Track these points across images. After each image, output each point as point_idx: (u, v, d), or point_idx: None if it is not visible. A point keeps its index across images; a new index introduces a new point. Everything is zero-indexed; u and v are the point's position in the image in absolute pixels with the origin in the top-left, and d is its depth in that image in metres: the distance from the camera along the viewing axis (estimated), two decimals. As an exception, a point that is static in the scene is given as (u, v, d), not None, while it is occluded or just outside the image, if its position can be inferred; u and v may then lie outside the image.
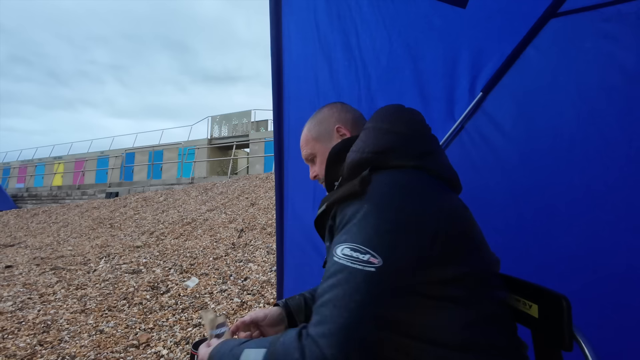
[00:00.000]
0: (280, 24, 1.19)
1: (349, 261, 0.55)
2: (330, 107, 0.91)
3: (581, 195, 1.09)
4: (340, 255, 0.57)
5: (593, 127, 1.08)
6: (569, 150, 1.11)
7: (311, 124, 0.91)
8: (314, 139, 0.89)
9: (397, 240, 0.57)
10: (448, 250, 0.59)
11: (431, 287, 0.58)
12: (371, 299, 0.53)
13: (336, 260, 0.57)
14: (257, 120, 15.18)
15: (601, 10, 1.02)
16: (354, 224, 0.60)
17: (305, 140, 0.91)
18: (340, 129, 0.86)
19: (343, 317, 0.51)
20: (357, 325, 0.50)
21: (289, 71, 1.28)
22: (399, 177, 0.66)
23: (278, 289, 1.59)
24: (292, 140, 1.39)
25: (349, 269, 0.55)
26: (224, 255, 3.50)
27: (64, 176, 17.97)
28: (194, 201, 6.84)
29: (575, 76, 1.10)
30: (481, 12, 1.12)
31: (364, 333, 0.51)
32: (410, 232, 0.58)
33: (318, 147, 0.88)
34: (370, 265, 0.54)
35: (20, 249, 5.30)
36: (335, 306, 0.52)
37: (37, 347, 1.92)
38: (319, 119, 0.90)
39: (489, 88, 1.24)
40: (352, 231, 0.59)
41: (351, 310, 0.51)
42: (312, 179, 0.92)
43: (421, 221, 0.60)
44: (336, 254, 0.58)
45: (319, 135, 0.88)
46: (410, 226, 0.59)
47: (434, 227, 0.59)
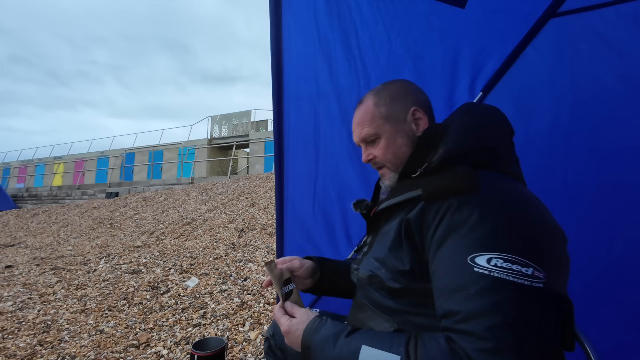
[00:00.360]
0: (280, 24, 1.19)
1: (511, 275, 0.49)
2: (405, 84, 0.80)
3: (576, 193, 1.10)
4: (492, 268, 0.50)
5: (588, 127, 1.08)
6: (566, 150, 1.11)
7: (380, 98, 0.79)
8: (382, 118, 0.77)
9: (551, 252, 0.53)
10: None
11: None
12: (548, 318, 0.48)
13: (487, 274, 0.50)
14: (257, 120, 15.18)
15: (600, 11, 1.02)
16: (493, 230, 0.53)
17: (369, 118, 0.78)
18: (417, 111, 0.76)
19: (525, 346, 0.46)
20: (540, 353, 0.47)
21: (289, 71, 1.28)
22: (513, 183, 0.62)
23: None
24: (292, 140, 1.39)
25: (514, 285, 0.49)
26: (224, 255, 3.50)
27: (64, 176, 17.97)
28: (194, 201, 6.84)
29: (574, 76, 1.10)
30: (481, 12, 1.12)
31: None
32: (552, 243, 0.55)
33: (386, 129, 0.77)
34: (536, 280, 0.49)
35: (20, 249, 5.30)
36: (512, 331, 0.46)
37: (37, 347, 1.92)
38: (392, 95, 0.78)
39: (488, 88, 1.24)
40: (495, 239, 0.52)
41: (530, 339, 0.46)
42: (365, 161, 0.82)
43: (554, 229, 0.57)
44: (479, 264, 0.51)
45: (390, 114, 0.77)
46: (553, 236, 0.56)
47: (560, 239, 0.57)
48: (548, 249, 0.54)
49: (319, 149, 1.41)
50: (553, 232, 0.57)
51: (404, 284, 0.63)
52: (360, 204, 0.89)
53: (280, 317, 0.71)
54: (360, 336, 0.58)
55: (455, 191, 0.58)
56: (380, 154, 0.78)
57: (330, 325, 0.63)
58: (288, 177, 1.45)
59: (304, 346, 0.64)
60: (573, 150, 1.11)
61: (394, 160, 0.77)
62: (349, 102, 1.32)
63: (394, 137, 0.76)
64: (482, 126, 0.69)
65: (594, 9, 1.03)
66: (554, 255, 0.54)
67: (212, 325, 2.14)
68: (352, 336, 0.59)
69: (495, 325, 0.47)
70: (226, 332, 2.04)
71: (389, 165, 0.78)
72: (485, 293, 0.49)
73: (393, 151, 0.77)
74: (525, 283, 0.49)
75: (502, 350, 0.46)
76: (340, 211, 1.47)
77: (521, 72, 1.19)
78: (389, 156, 0.77)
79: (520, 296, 0.48)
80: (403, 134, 0.77)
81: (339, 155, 1.41)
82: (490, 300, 0.49)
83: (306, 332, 0.64)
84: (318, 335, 0.62)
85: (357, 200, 0.90)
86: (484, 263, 0.51)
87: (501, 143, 0.69)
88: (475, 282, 0.51)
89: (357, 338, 0.58)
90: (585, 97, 1.08)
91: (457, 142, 0.66)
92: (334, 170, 1.44)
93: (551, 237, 0.56)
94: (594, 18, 1.04)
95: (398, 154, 0.77)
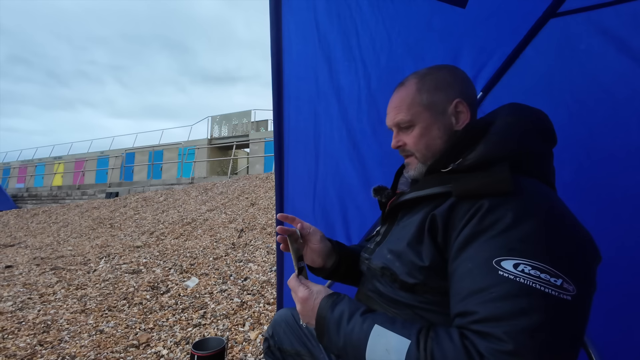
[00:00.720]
0: (280, 24, 1.19)
1: (538, 284, 0.48)
2: (453, 72, 0.75)
3: (572, 191, 1.10)
4: (518, 273, 0.49)
5: (587, 127, 1.09)
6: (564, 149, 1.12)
7: (423, 84, 0.73)
8: (422, 105, 0.72)
9: (585, 267, 0.52)
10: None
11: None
12: (571, 333, 0.47)
13: (512, 279, 0.48)
14: (257, 120, 15.18)
15: (600, 11, 1.02)
16: (525, 236, 0.51)
17: (408, 103, 0.73)
18: (460, 104, 0.71)
19: (544, 355, 0.45)
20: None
21: (289, 71, 1.28)
22: (552, 192, 0.60)
23: (278, 289, 1.59)
24: (292, 140, 1.39)
25: (540, 293, 0.47)
26: (224, 255, 3.50)
27: (64, 176, 17.97)
28: (194, 201, 6.83)
29: (573, 76, 1.10)
30: (481, 12, 1.12)
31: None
32: (588, 259, 0.53)
33: (424, 117, 0.72)
34: (565, 292, 0.48)
35: (20, 249, 5.30)
36: (533, 338, 0.45)
37: (37, 347, 1.92)
38: (437, 83, 0.73)
39: (489, 88, 1.24)
40: (526, 245, 0.50)
41: (552, 348, 0.45)
42: (393, 147, 0.77)
43: (592, 247, 0.56)
44: (506, 268, 0.49)
45: (431, 103, 0.72)
46: (588, 252, 0.54)
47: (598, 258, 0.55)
48: (582, 263, 0.52)
49: (319, 149, 1.41)
50: (589, 248, 0.55)
51: (420, 280, 0.62)
52: (382, 191, 0.86)
53: (297, 285, 0.71)
54: (374, 316, 0.59)
55: (490, 192, 0.56)
56: (412, 143, 0.74)
57: (347, 301, 0.64)
58: (288, 177, 1.45)
59: (320, 316, 0.64)
60: (571, 150, 1.11)
61: (425, 151, 0.73)
62: (349, 102, 1.32)
63: (430, 128, 0.72)
64: (527, 130, 0.65)
65: (594, 9, 1.03)
66: (588, 271, 0.53)
67: (212, 325, 2.14)
68: (367, 315, 0.60)
69: (515, 330, 0.46)
70: (226, 332, 2.04)
71: (418, 156, 0.74)
72: (508, 297, 0.48)
73: (426, 142, 0.72)
74: (553, 293, 0.47)
75: (520, 354, 0.44)
76: (340, 211, 1.47)
77: (521, 72, 1.19)
78: (421, 146, 0.73)
79: (546, 305, 0.47)
80: (440, 125, 0.72)
81: (339, 155, 1.41)
82: (513, 305, 0.47)
83: (323, 303, 0.65)
84: (336, 309, 0.63)
85: (379, 186, 0.87)
86: (511, 268, 0.49)
87: (543, 151, 0.66)
88: (498, 285, 0.49)
89: (371, 317, 0.59)
90: (585, 97, 1.08)
91: (498, 142, 0.63)
92: (334, 170, 1.44)
93: (587, 252, 0.54)
94: (593, 18, 1.04)
95: (431, 146, 0.72)
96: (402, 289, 0.65)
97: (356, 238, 1.46)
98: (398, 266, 0.65)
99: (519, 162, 0.62)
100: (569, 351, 0.47)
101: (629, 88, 1.01)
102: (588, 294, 0.51)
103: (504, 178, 0.56)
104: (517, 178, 0.58)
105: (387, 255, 0.68)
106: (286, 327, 0.99)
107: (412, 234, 0.64)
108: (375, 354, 0.54)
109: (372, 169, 1.36)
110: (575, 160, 1.11)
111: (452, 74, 0.75)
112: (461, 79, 0.75)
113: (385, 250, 0.70)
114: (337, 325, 0.61)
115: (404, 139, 0.75)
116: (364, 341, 0.56)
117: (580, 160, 1.10)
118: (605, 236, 1.05)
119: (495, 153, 0.62)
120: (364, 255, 0.80)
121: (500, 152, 0.62)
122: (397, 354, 0.52)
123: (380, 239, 0.77)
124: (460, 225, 0.57)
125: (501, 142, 0.63)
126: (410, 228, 0.65)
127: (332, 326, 0.61)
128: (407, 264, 0.63)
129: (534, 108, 0.70)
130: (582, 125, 1.10)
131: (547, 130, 0.69)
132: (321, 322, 0.64)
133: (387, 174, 0.92)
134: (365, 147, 1.35)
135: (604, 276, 1.05)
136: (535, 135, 0.66)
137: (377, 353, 0.54)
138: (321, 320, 0.64)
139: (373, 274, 0.73)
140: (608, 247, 1.05)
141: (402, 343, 0.53)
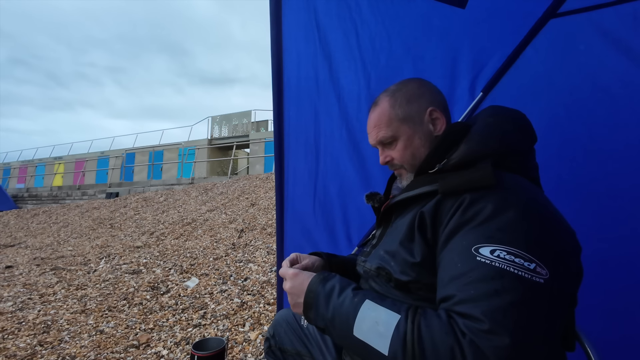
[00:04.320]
0: (280, 24, 1.19)
1: (512, 267, 0.50)
2: (420, 84, 0.80)
3: (571, 190, 1.10)
4: (494, 258, 0.52)
5: (586, 127, 1.09)
6: (562, 149, 1.12)
7: (395, 100, 0.78)
8: (399, 120, 0.77)
9: (560, 255, 0.54)
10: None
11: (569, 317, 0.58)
12: (544, 314, 0.49)
13: (489, 263, 0.51)
14: (257, 121, 15.19)
15: (600, 11, 1.02)
16: (503, 225, 0.54)
17: (386, 120, 0.78)
18: (434, 112, 0.76)
19: (518, 332, 0.47)
20: (533, 344, 0.47)
21: (289, 71, 1.28)
22: (532, 186, 0.63)
23: (278, 289, 1.59)
24: (292, 140, 1.39)
25: (513, 276, 0.50)
26: (224, 256, 3.50)
27: (64, 176, 17.97)
28: (194, 201, 6.84)
29: (573, 76, 1.10)
30: (481, 13, 1.12)
31: (536, 355, 0.47)
32: (565, 247, 0.56)
33: (404, 130, 0.76)
34: (538, 276, 0.50)
35: (21, 249, 5.30)
36: (506, 316, 0.48)
37: (37, 348, 1.92)
38: (408, 97, 0.77)
39: (488, 88, 1.24)
40: (503, 233, 0.53)
41: (525, 326, 0.48)
42: (382, 163, 0.82)
43: (569, 237, 0.58)
44: (483, 254, 0.52)
45: (406, 115, 0.76)
46: (564, 242, 0.57)
47: (577, 249, 0.58)
48: (558, 251, 0.54)
49: (319, 149, 1.41)
50: (566, 238, 0.57)
51: (413, 277, 0.63)
52: (374, 197, 0.89)
53: (287, 268, 0.74)
54: (365, 292, 0.62)
55: (472, 187, 0.59)
56: (398, 156, 0.78)
57: (338, 278, 0.67)
58: (288, 177, 1.45)
59: (310, 290, 0.66)
60: (571, 150, 1.11)
61: (412, 161, 0.77)
62: (348, 101, 1.32)
63: (412, 139, 0.76)
64: (507, 129, 0.68)
65: (594, 9, 1.03)
66: (563, 258, 0.55)
67: (212, 325, 2.14)
68: (358, 291, 0.62)
69: (491, 310, 0.48)
70: (226, 332, 2.04)
71: (407, 167, 0.79)
72: (484, 280, 0.51)
73: (411, 152, 0.77)
74: (526, 276, 0.50)
75: (496, 332, 0.47)
76: (340, 211, 1.47)
77: (521, 73, 1.19)
78: (407, 157, 0.77)
79: (519, 287, 0.49)
80: (421, 134, 0.76)
81: (339, 155, 1.41)
82: (488, 286, 0.50)
83: (314, 279, 0.67)
84: (327, 284, 0.65)
85: (371, 192, 0.90)
86: (487, 253, 0.52)
87: (524, 148, 0.70)
88: (475, 270, 0.52)
89: (362, 293, 0.61)
90: (584, 97, 1.08)
91: (480, 141, 0.66)
92: (334, 170, 1.44)
93: (563, 242, 0.57)
94: (593, 18, 1.04)
95: (416, 155, 0.77)
96: (396, 287, 0.67)
97: (356, 238, 1.46)
98: (393, 265, 0.67)
99: (501, 159, 0.65)
100: (545, 333, 0.49)
101: (628, 88, 1.01)
102: (564, 280, 0.53)
103: (486, 174, 0.59)
104: (499, 173, 0.61)
105: (384, 256, 0.70)
106: (287, 327, 0.99)
107: (403, 233, 0.66)
108: (364, 325, 0.56)
109: (372, 169, 1.36)
110: (575, 160, 1.11)
111: (420, 85, 0.79)
112: (429, 89, 0.79)
113: (380, 251, 0.72)
114: (327, 298, 0.63)
115: (391, 154, 0.80)
116: (354, 313, 0.58)
117: (580, 160, 1.10)
118: (604, 235, 1.06)
119: (478, 151, 0.65)
120: (361, 258, 0.82)
121: (483, 150, 0.65)
122: (386, 326, 0.54)
123: (375, 242, 0.79)
124: (445, 220, 0.60)
125: (482, 141, 0.66)
126: (402, 227, 0.67)
127: (322, 299, 0.63)
128: (401, 262, 0.65)
129: (512, 109, 0.74)
130: (581, 125, 1.10)
131: (526, 129, 0.72)
132: (310, 296, 0.66)
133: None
134: (365, 147, 1.35)
135: (602, 275, 1.06)
136: (515, 133, 0.69)
137: (366, 324, 0.56)
138: (310, 294, 0.66)
139: (369, 275, 0.74)
140: (606, 245, 1.05)
141: (391, 317, 0.55)
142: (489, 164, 0.62)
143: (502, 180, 0.60)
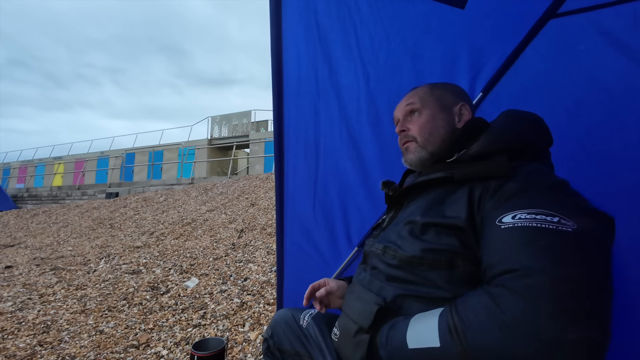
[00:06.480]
0: (280, 24, 1.19)
1: (534, 222, 0.50)
2: (459, 87, 0.90)
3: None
4: (515, 221, 0.52)
5: (585, 127, 1.09)
6: (562, 149, 1.12)
7: (436, 86, 0.87)
8: (433, 98, 0.84)
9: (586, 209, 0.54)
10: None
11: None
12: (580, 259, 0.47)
13: (510, 226, 0.52)
14: (257, 121, 15.18)
15: (600, 11, 1.02)
16: (523, 196, 0.56)
17: (421, 94, 0.85)
18: (464, 107, 0.83)
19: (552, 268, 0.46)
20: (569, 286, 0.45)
21: (288, 71, 1.28)
22: (552, 172, 0.68)
23: (278, 289, 1.59)
24: (292, 140, 1.39)
25: (536, 229, 0.50)
26: (224, 256, 3.50)
27: (64, 176, 17.96)
28: (194, 201, 6.83)
29: (573, 77, 1.10)
30: (480, 13, 1.12)
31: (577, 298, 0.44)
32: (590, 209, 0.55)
33: (432, 107, 0.82)
34: (564, 226, 0.49)
35: (20, 249, 5.30)
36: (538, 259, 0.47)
37: (37, 348, 1.92)
38: (448, 88, 0.87)
39: (488, 88, 1.24)
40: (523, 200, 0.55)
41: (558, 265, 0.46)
42: (397, 132, 0.86)
43: (599, 213, 0.57)
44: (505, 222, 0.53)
45: (442, 98, 0.84)
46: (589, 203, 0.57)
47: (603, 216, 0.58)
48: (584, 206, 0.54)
49: (319, 149, 1.41)
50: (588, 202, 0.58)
51: (417, 253, 0.65)
52: (390, 185, 0.91)
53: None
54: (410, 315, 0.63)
55: (492, 176, 0.62)
56: (416, 127, 0.82)
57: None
58: (288, 177, 1.45)
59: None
60: (570, 150, 1.11)
61: (428, 136, 0.81)
62: (348, 101, 1.32)
63: (436, 117, 0.81)
64: (524, 127, 0.72)
65: (594, 10, 1.03)
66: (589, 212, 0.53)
67: (212, 325, 2.14)
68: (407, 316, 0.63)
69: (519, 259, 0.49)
70: (226, 332, 2.04)
71: (419, 140, 0.81)
72: (507, 241, 0.52)
73: (430, 128, 0.81)
74: (550, 227, 0.49)
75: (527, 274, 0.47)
76: (340, 211, 1.47)
77: (521, 73, 1.19)
78: (424, 131, 0.81)
79: (545, 235, 0.49)
80: (445, 117, 0.81)
81: (339, 154, 1.41)
82: (513, 244, 0.51)
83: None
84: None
85: (387, 180, 0.93)
86: (509, 220, 0.54)
87: (540, 146, 0.73)
88: (499, 238, 0.54)
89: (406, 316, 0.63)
90: (584, 97, 1.08)
91: (498, 135, 0.70)
92: (334, 170, 1.44)
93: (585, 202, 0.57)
94: (593, 18, 1.04)
95: (434, 132, 0.80)
96: (400, 264, 0.69)
97: (356, 238, 1.46)
98: (400, 244, 0.70)
99: (517, 154, 0.68)
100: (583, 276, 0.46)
101: (628, 89, 1.01)
102: (596, 230, 0.51)
103: (501, 165, 0.63)
104: (516, 163, 0.65)
105: (391, 236, 0.73)
106: (286, 328, 0.99)
107: (422, 207, 0.70)
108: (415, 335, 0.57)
109: (372, 168, 1.36)
110: (574, 160, 1.11)
111: (459, 88, 0.89)
112: (466, 93, 0.88)
113: (389, 232, 0.75)
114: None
115: (409, 125, 0.84)
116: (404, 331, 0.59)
117: (579, 160, 1.10)
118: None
119: (495, 145, 0.69)
120: (369, 240, 0.85)
121: (500, 144, 0.69)
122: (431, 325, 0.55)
123: (385, 225, 0.82)
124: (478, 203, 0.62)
125: (501, 136, 0.70)
126: (418, 207, 0.71)
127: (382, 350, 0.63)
128: (406, 237, 0.69)
129: (531, 112, 0.77)
130: (581, 125, 1.10)
131: (543, 131, 0.75)
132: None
133: (387, 174, 0.92)
134: (364, 146, 1.35)
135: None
136: (532, 133, 0.73)
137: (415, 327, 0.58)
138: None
139: (375, 254, 0.77)
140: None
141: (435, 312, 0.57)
142: (504, 156, 0.65)
143: (518, 168, 0.63)
